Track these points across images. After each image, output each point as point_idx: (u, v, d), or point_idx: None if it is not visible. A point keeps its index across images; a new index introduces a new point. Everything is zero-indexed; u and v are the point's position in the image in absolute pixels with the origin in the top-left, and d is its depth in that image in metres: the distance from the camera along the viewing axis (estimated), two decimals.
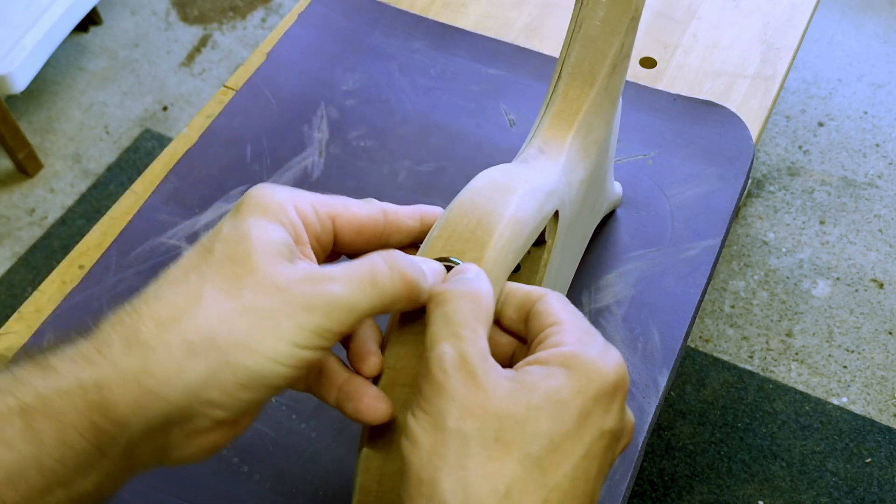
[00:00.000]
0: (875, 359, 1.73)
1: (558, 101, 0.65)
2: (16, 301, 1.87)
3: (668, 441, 1.63)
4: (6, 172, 2.08)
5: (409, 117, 0.95)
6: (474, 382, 0.41)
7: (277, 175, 0.90)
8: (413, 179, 0.90)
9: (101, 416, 0.40)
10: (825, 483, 1.58)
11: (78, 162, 2.09)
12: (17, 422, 0.39)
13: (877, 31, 2.27)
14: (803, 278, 1.84)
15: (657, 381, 0.76)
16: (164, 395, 0.41)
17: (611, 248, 0.84)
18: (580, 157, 0.65)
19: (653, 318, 0.80)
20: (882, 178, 1.99)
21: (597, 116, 0.66)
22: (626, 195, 0.88)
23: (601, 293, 0.82)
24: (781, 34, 1.02)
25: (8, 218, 2.00)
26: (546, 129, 0.64)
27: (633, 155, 0.91)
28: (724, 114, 0.93)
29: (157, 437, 0.42)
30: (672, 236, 0.85)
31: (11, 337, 0.81)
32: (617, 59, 0.65)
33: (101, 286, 0.83)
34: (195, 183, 0.90)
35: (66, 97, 2.21)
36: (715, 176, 0.89)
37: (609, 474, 0.71)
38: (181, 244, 0.86)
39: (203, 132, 0.94)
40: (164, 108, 2.19)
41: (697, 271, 0.83)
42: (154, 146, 2.11)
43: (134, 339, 0.41)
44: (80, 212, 2.00)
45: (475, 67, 0.99)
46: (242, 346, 0.41)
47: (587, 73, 0.64)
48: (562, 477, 0.40)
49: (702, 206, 0.87)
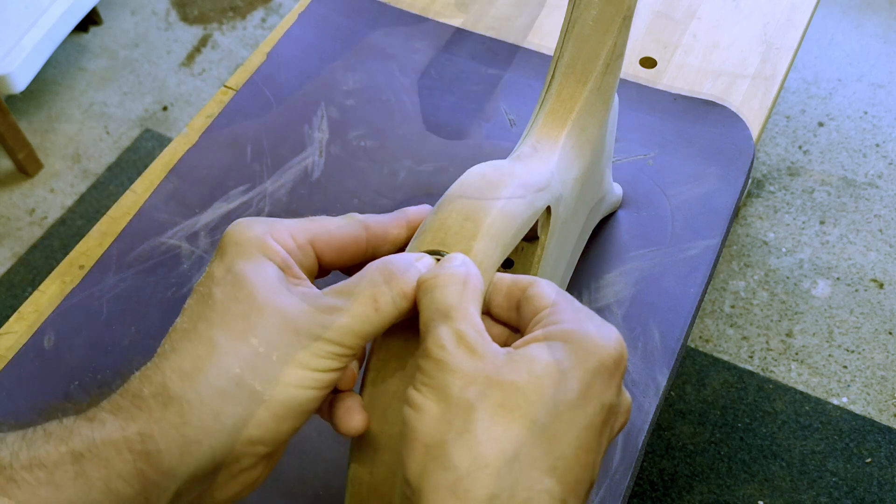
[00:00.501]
0: (875, 359, 1.73)
1: (552, 99, 0.65)
2: (16, 301, 1.87)
3: (668, 441, 1.63)
4: (6, 172, 2.08)
5: (409, 117, 0.95)
6: (474, 354, 0.42)
7: (278, 175, 0.90)
8: (413, 179, 0.90)
9: (148, 465, 0.41)
10: (825, 483, 1.58)
11: (78, 162, 2.09)
12: (68, 467, 0.40)
13: (877, 31, 2.27)
14: (803, 278, 1.84)
15: (657, 380, 0.77)
16: (207, 443, 0.42)
17: (611, 247, 0.84)
18: (574, 155, 0.65)
19: (653, 318, 0.80)
20: (882, 178, 1.99)
21: (590, 115, 0.66)
22: (627, 195, 0.88)
23: (601, 292, 0.82)
24: (781, 34, 1.02)
25: (8, 218, 2.00)
26: (540, 127, 0.65)
27: (634, 155, 0.91)
28: (725, 113, 0.93)
29: (203, 482, 0.44)
30: (672, 236, 0.85)
31: (11, 337, 0.81)
32: (610, 58, 0.65)
33: (102, 286, 0.83)
34: (195, 183, 0.90)
35: (66, 97, 2.21)
36: (715, 176, 0.89)
37: (609, 474, 0.72)
38: (181, 244, 0.86)
39: (203, 132, 0.94)
40: (164, 108, 2.18)
41: (697, 271, 0.83)
42: (154, 146, 2.11)
43: (165, 394, 0.42)
44: (80, 212, 2.00)
45: (475, 67, 0.99)
46: (269, 380, 0.43)
47: (580, 72, 0.65)
48: (566, 446, 0.40)
49: (702, 206, 0.87)
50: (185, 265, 0.85)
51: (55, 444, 0.41)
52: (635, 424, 0.74)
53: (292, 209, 0.88)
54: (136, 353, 0.80)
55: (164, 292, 0.83)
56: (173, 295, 0.83)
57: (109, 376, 0.79)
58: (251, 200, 0.89)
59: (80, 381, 0.78)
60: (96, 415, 0.42)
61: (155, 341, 0.79)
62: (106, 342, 0.81)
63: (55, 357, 0.80)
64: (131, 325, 0.81)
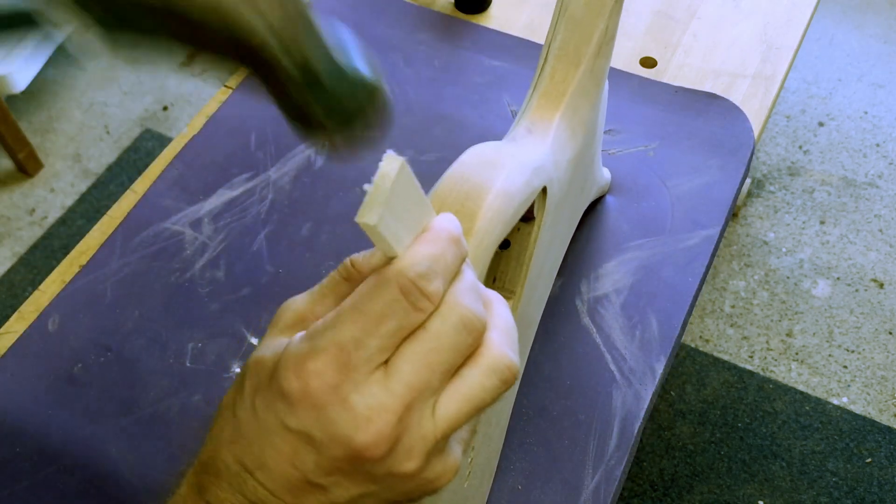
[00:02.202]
0: (875, 359, 1.73)
1: (545, 82, 0.66)
2: (16, 301, 1.87)
3: (668, 441, 1.63)
4: (6, 172, 2.08)
5: (412, 108, 0.95)
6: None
7: (281, 163, 0.90)
8: (416, 169, 0.89)
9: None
10: (825, 483, 1.58)
11: (78, 162, 2.09)
12: None
13: (877, 31, 2.27)
14: (803, 278, 1.84)
15: (654, 368, 0.77)
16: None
17: (610, 237, 0.85)
18: (567, 136, 0.66)
19: (651, 307, 0.81)
20: (882, 177, 2.00)
21: (583, 97, 0.67)
22: (627, 185, 0.88)
23: (600, 281, 0.82)
24: (781, 34, 1.03)
25: (8, 218, 2.00)
26: (534, 109, 0.65)
27: (635, 146, 0.91)
28: (726, 106, 0.94)
29: None
30: (672, 226, 0.86)
31: (12, 336, 0.81)
32: (602, 41, 0.66)
33: (106, 270, 0.84)
34: (199, 170, 0.90)
35: (66, 97, 2.22)
36: (715, 167, 0.90)
37: (605, 459, 0.73)
38: (184, 230, 0.86)
39: (207, 121, 0.94)
40: (165, 108, 2.19)
41: (696, 260, 0.83)
42: (154, 146, 2.11)
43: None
44: (80, 212, 2.00)
45: (479, 59, 0.99)
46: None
47: (573, 54, 0.66)
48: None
49: (702, 197, 0.87)
50: (189, 251, 0.85)
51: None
52: (631, 411, 0.75)
53: (295, 197, 0.88)
54: (139, 337, 0.81)
55: (167, 277, 0.84)
56: (176, 280, 0.83)
57: (112, 359, 0.80)
58: (254, 188, 0.89)
59: (83, 363, 0.79)
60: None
61: (157, 325, 0.80)
62: (109, 325, 0.81)
63: (59, 339, 0.80)
64: (135, 308, 0.82)
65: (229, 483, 0.40)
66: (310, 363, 0.37)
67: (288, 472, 0.39)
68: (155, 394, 0.78)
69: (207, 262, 0.85)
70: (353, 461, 0.38)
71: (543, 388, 0.77)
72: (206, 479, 0.41)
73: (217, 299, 0.83)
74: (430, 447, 0.39)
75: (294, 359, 0.38)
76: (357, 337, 0.37)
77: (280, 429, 0.38)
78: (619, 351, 0.78)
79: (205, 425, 0.75)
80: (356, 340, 0.37)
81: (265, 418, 0.39)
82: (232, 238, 0.86)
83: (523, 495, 0.72)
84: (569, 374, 0.77)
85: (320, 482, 0.39)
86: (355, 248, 0.85)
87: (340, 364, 0.37)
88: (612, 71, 0.97)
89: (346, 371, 0.37)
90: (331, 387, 0.37)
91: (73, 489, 0.73)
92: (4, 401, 0.78)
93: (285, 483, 0.39)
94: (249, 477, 0.39)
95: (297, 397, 0.37)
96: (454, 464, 0.41)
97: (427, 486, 0.40)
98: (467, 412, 0.39)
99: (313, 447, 0.38)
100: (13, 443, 0.75)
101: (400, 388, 0.37)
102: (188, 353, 0.80)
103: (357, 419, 0.37)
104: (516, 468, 0.73)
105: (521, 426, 0.75)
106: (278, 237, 0.86)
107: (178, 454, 0.73)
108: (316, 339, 0.37)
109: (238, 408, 0.40)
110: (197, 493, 0.41)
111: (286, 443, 0.38)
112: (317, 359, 0.37)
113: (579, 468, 0.73)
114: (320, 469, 0.38)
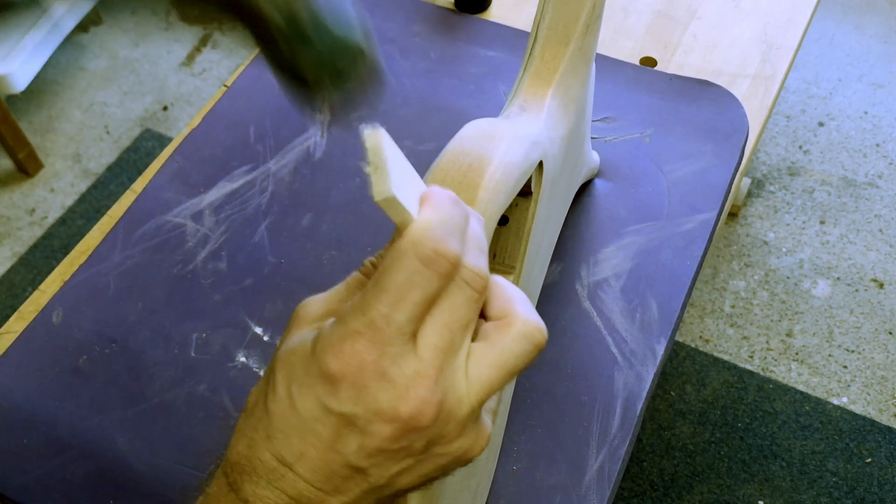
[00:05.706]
0: (875, 359, 1.73)
1: (536, 62, 0.68)
2: (16, 301, 1.87)
3: (668, 441, 1.63)
4: (6, 172, 2.08)
5: (409, 99, 0.96)
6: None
7: (280, 155, 0.91)
8: (414, 159, 0.89)
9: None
10: (825, 483, 1.58)
11: (78, 162, 2.09)
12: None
13: (877, 31, 2.28)
14: (803, 278, 1.84)
15: (655, 350, 0.78)
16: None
17: (609, 222, 0.86)
18: (560, 114, 0.67)
19: (650, 290, 0.82)
20: (882, 177, 2.00)
21: (573, 75, 0.69)
22: (624, 172, 0.90)
23: (600, 266, 0.84)
24: (781, 34, 1.03)
25: (8, 218, 2.00)
26: (526, 88, 0.67)
27: (631, 133, 0.93)
28: (720, 92, 0.95)
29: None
30: (669, 211, 0.87)
31: (12, 336, 0.82)
32: (590, 19, 0.68)
33: (109, 263, 0.84)
34: (200, 162, 0.91)
35: (67, 97, 2.22)
36: (710, 152, 0.91)
37: (609, 439, 0.73)
38: (186, 222, 0.87)
39: (206, 115, 0.95)
40: (165, 108, 2.19)
41: (694, 244, 0.85)
42: (154, 146, 2.11)
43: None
44: (80, 212, 2.00)
45: (474, 50, 1.00)
46: None
47: (562, 34, 0.67)
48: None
49: (698, 182, 0.89)
50: (190, 243, 0.86)
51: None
52: (633, 392, 0.76)
53: (295, 189, 0.89)
54: (143, 328, 0.81)
55: (169, 269, 0.84)
56: (179, 272, 0.84)
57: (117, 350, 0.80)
58: (255, 180, 0.90)
59: (88, 355, 0.79)
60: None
61: (161, 316, 0.81)
62: (113, 317, 0.82)
63: (64, 332, 0.81)
64: (138, 300, 0.82)
65: (267, 480, 0.40)
66: (346, 344, 0.38)
67: (329, 459, 0.40)
68: (160, 384, 0.78)
69: (209, 254, 0.85)
70: (400, 435, 0.39)
71: (546, 371, 0.78)
72: (240, 478, 0.41)
73: (220, 290, 0.83)
74: (467, 412, 0.40)
75: (331, 341, 0.39)
76: (385, 313, 0.38)
77: (321, 413, 0.39)
78: (620, 334, 0.79)
79: (211, 414, 0.76)
80: (385, 317, 0.38)
81: (304, 406, 0.39)
82: (233, 230, 0.87)
83: (528, 475, 0.73)
84: (571, 357, 0.78)
85: (361, 465, 0.40)
86: (356, 238, 0.86)
87: (375, 341, 0.38)
88: (609, 61, 0.98)
89: (380, 347, 0.38)
90: (369, 364, 0.38)
91: (80, 479, 0.74)
92: (12, 394, 0.78)
93: (326, 471, 0.40)
94: (288, 471, 0.40)
95: (339, 378, 0.38)
96: (486, 432, 0.42)
97: (462, 457, 0.42)
98: (500, 378, 0.41)
99: (357, 428, 0.39)
100: (21, 435, 0.76)
101: (428, 353, 0.39)
102: (192, 343, 0.80)
103: (398, 390, 0.38)
104: (520, 449, 0.74)
105: (524, 408, 0.76)
106: (279, 228, 0.87)
107: (185, 443, 0.74)
108: (348, 322, 0.39)
109: (270, 402, 0.41)
110: (231, 492, 0.42)
111: (327, 427, 0.39)
112: (353, 340, 0.38)
113: (583, 448, 0.74)
114: (363, 451, 0.39)
